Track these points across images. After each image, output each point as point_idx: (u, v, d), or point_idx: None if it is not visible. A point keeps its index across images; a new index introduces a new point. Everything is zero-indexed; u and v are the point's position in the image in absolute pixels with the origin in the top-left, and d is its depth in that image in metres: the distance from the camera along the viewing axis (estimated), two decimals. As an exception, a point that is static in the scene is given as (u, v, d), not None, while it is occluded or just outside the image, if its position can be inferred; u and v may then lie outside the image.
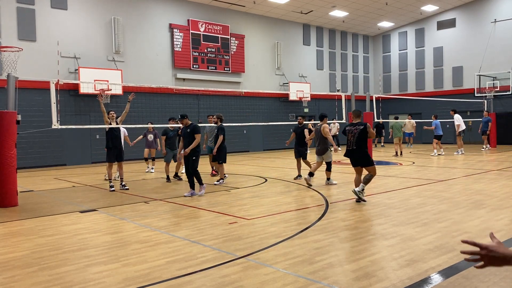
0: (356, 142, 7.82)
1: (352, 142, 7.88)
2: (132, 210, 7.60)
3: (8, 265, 4.63)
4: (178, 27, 20.62)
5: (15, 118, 8.30)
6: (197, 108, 20.90)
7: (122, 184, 10.27)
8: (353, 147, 7.87)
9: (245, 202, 8.21)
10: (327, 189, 9.53)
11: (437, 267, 4.22)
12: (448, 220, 6.23)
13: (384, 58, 30.20)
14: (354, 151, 7.90)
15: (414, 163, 14.91)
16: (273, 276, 4.07)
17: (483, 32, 24.85)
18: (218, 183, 10.78)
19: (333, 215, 6.74)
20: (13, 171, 8.26)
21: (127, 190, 10.03)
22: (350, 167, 14.50)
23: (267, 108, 23.91)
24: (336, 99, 21.49)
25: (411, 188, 9.34)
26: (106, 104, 17.79)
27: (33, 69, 16.10)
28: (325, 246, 5.03)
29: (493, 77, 24.43)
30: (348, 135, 8.00)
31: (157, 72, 19.96)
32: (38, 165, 16.71)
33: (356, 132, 7.83)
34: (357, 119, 8.18)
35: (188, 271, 4.28)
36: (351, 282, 3.88)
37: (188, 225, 6.35)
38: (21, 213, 7.62)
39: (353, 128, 7.92)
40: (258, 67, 23.99)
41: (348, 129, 8.02)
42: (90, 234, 5.93)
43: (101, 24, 18.51)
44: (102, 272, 4.32)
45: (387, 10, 25.27)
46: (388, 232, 5.64)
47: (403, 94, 27.93)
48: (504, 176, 11.02)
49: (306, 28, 26.58)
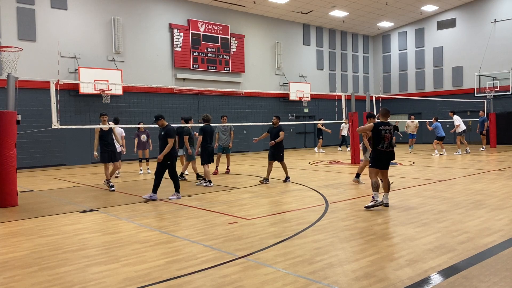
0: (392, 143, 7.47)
1: (388, 144, 7.36)
2: (132, 210, 7.60)
3: (8, 265, 4.64)
4: (178, 27, 20.62)
5: (15, 118, 8.30)
6: (197, 108, 20.90)
7: (107, 181, 10.40)
8: (391, 148, 7.41)
9: (245, 202, 8.21)
10: (327, 189, 9.52)
11: (437, 267, 4.22)
12: (448, 220, 6.23)
13: (384, 58, 30.20)
14: (392, 152, 7.47)
15: (414, 163, 14.91)
16: (273, 276, 4.07)
17: (483, 32, 24.85)
18: (199, 183, 10.46)
19: (333, 215, 6.74)
20: (13, 171, 8.26)
21: (113, 191, 9.94)
22: (350, 167, 14.61)
23: (267, 108, 23.91)
24: (336, 99, 21.50)
25: (411, 188, 9.34)
26: (106, 104, 17.85)
27: (33, 69, 16.11)
28: (325, 246, 5.03)
29: (493, 77, 24.43)
30: (384, 135, 7.31)
31: (157, 72, 19.96)
32: (38, 165, 16.70)
33: (392, 133, 7.43)
34: (386, 119, 7.59)
35: (188, 271, 4.28)
36: (351, 282, 3.88)
37: (188, 225, 6.35)
38: (21, 213, 7.62)
39: (388, 128, 7.37)
40: (258, 67, 23.99)
41: (384, 128, 7.34)
42: (90, 234, 5.93)
43: (101, 24, 18.51)
44: (102, 272, 4.32)
45: (387, 10, 25.27)
46: (388, 232, 5.65)
47: (403, 94, 27.93)
48: (504, 176, 11.02)
49: (306, 28, 26.58)
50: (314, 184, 10.32)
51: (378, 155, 7.39)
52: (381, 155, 7.37)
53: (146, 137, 13.43)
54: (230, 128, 12.82)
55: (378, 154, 7.39)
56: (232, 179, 11.78)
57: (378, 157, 7.39)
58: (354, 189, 9.50)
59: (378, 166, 7.42)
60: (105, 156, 10.40)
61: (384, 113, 7.58)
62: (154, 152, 13.14)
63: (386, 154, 7.38)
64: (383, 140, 7.32)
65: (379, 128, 7.34)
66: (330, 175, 12.25)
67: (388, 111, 7.64)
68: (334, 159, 17.76)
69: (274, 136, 10.82)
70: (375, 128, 7.34)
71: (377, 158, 7.40)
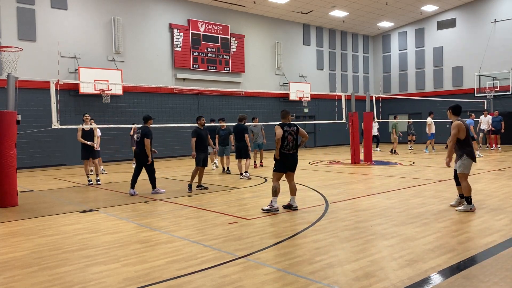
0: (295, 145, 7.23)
1: (292, 145, 7.18)
2: (132, 210, 7.60)
3: (8, 265, 4.64)
4: (178, 27, 20.62)
5: (15, 118, 8.30)
6: (197, 108, 20.89)
7: (96, 179, 11.40)
8: (294, 150, 7.21)
9: (245, 202, 8.21)
10: (327, 189, 9.52)
11: (437, 267, 4.22)
12: (448, 220, 6.23)
13: (384, 58, 30.20)
14: (295, 155, 7.25)
15: (414, 163, 14.91)
16: (273, 276, 4.07)
17: (483, 32, 24.85)
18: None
19: (333, 215, 6.74)
20: (13, 171, 8.26)
21: (99, 185, 11.12)
22: (350, 167, 14.62)
23: (267, 108, 23.91)
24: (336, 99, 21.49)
25: (411, 188, 9.34)
26: (106, 104, 17.85)
27: (33, 69, 16.10)
28: (325, 246, 5.03)
29: (493, 77, 24.43)
30: (287, 136, 7.10)
31: (157, 72, 19.96)
32: (38, 165, 16.70)
33: (294, 134, 7.20)
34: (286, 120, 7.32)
35: (188, 271, 4.28)
36: (351, 282, 3.88)
37: (188, 225, 6.35)
38: (21, 213, 7.62)
39: (290, 129, 7.17)
40: (258, 67, 23.99)
41: (287, 130, 7.11)
42: (90, 234, 5.93)
43: (101, 24, 18.51)
44: (102, 272, 4.32)
45: (387, 10, 25.27)
46: (388, 232, 5.64)
47: (403, 94, 27.93)
48: (504, 176, 11.02)
49: (306, 28, 26.58)
50: (314, 184, 10.32)
51: (282, 158, 7.13)
52: (285, 157, 7.13)
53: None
54: (261, 127, 14.30)
55: (282, 157, 7.13)
56: (232, 179, 11.78)
57: (282, 160, 7.13)
58: (354, 189, 9.50)
59: (281, 169, 7.18)
60: (84, 153, 11.34)
61: (282, 114, 7.34)
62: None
63: (290, 157, 7.16)
64: (286, 141, 7.08)
65: (284, 129, 7.08)
66: (330, 175, 12.25)
67: (287, 112, 7.38)
68: (334, 159, 17.75)
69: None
70: (281, 129, 7.08)
71: (281, 161, 7.14)
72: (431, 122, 19.43)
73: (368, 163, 14.90)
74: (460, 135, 6.91)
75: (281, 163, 7.17)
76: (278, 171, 7.22)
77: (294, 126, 7.24)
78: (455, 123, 6.98)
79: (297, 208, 7.28)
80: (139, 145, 9.39)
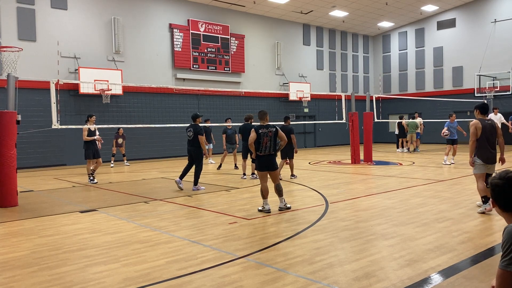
0: (272, 147, 7.14)
1: (267, 147, 7.08)
2: (132, 210, 7.60)
3: (8, 265, 4.63)
4: (178, 27, 20.62)
5: (15, 118, 8.29)
6: (197, 108, 20.89)
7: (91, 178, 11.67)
8: (270, 152, 7.11)
9: (245, 202, 8.21)
10: (327, 189, 9.52)
11: (437, 267, 4.22)
12: (448, 220, 6.23)
13: (384, 58, 30.20)
14: (272, 156, 7.17)
15: (414, 163, 14.91)
16: (273, 276, 4.07)
17: (483, 32, 24.84)
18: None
19: (333, 215, 6.74)
20: (13, 171, 8.26)
21: (95, 183, 11.41)
22: (350, 167, 14.61)
23: (267, 108, 23.82)
24: (336, 99, 21.50)
25: (411, 188, 9.34)
26: (106, 104, 17.86)
27: (33, 69, 16.10)
28: (325, 246, 5.03)
29: (493, 77, 24.42)
30: (262, 139, 7.03)
31: (157, 72, 19.96)
32: (38, 165, 16.70)
33: (271, 136, 7.09)
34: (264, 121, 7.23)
35: (188, 271, 4.28)
36: (351, 282, 3.88)
37: (188, 225, 6.35)
38: (21, 213, 7.62)
39: (267, 131, 7.06)
40: (258, 67, 23.99)
41: (263, 132, 7.02)
42: (90, 234, 5.93)
43: (101, 24, 18.51)
44: (102, 272, 4.32)
45: (387, 10, 25.27)
46: (388, 232, 5.64)
47: (403, 94, 27.92)
48: (504, 176, 10.99)
49: (306, 28, 26.58)
50: (314, 184, 10.32)
51: (259, 160, 7.12)
52: (261, 160, 7.09)
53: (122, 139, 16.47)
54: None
55: (258, 159, 7.13)
56: (232, 179, 11.78)
57: (259, 162, 7.12)
58: (354, 189, 9.50)
59: (261, 169, 7.13)
60: (89, 153, 11.64)
61: (260, 115, 7.23)
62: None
63: (266, 159, 7.08)
64: (261, 144, 7.02)
65: (259, 131, 7.00)
66: (330, 175, 12.25)
67: (265, 113, 7.24)
68: (334, 159, 17.75)
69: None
70: (255, 133, 7.01)
71: (259, 163, 7.13)
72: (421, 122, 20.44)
73: (368, 163, 14.91)
74: (477, 134, 6.78)
75: (259, 163, 7.19)
76: (259, 170, 7.25)
77: (272, 127, 7.14)
78: (472, 122, 6.93)
79: (290, 207, 7.30)
80: (193, 142, 9.83)
